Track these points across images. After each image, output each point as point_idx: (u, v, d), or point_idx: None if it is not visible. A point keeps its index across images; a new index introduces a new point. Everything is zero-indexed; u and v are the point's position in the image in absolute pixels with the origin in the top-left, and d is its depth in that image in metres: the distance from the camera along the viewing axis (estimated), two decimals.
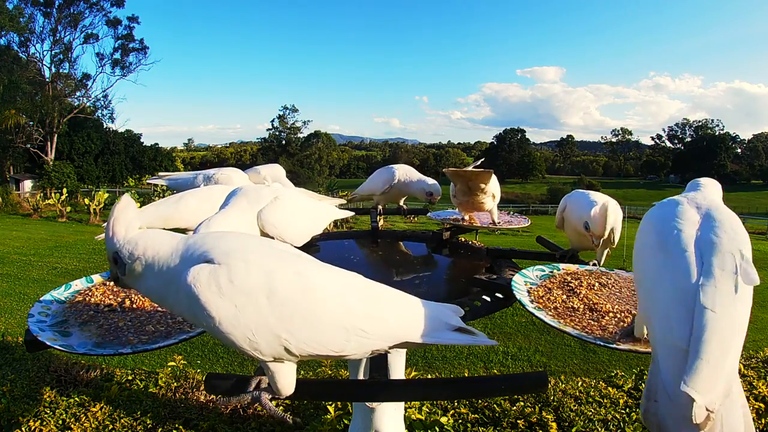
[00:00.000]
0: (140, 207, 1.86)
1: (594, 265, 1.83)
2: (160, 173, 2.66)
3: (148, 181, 2.75)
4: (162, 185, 2.69)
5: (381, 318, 0.93)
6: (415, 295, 1.04)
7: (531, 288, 1.48)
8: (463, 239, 2.52)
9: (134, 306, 1.37)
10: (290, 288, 0.86)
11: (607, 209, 1.71)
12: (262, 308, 0.84)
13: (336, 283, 0.93)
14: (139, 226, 0.99)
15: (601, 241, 1.78)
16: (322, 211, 1.85)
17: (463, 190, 2.34)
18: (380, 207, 2.81)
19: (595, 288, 1.48)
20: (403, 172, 2.69)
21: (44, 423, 2.26)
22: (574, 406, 2.35)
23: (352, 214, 2.09)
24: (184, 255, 0.92)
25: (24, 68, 28.82)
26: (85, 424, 2.26)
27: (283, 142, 57.69)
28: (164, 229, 1.41)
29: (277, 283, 0.86)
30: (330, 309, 0.88)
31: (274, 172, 2.72)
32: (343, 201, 2.22)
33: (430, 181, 2.65)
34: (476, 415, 2.33)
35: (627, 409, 2.34)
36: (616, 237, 1.88)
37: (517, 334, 5.76)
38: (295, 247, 1.51)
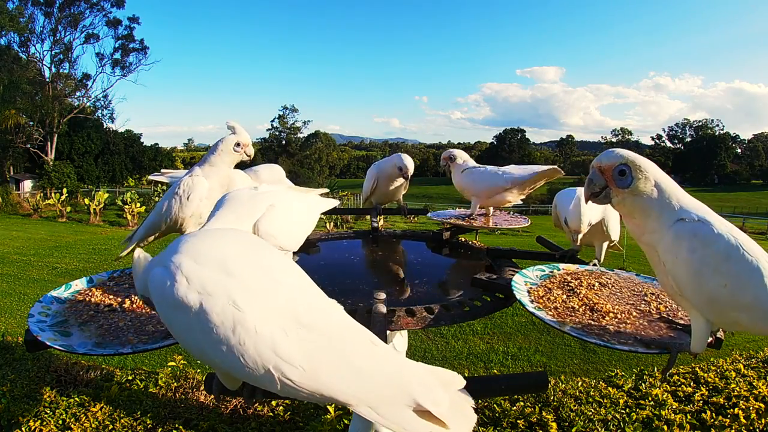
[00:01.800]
0: (143, 210, 1.85)
1: (594, 265, 1.83)
2: (162, 170, 2.63)
3: (149, 178, 2.71)
4: (163, 184, 2.66)
5: (313, 371, 0.85)
6: (414, 295, 1.00)
7: (531, 288, 1.48)
8: (463, 239, 2.52)
9: (134, 306, 1.37)
10: (220, 317, 0.84)
11: (580, 201, 1.69)
12: (193, 327, 0.85)
13: (272, 323, 0.85)
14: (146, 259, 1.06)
15: (580, 237, 1.77)
16: (312, 208, 1.83)
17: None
18: (380, 207, 2.81)
19: (595, 288, 1.48)
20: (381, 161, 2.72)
21: (44, 423, 2.26)
22: (574, 406, 2.35)
23: (338, 203, 2.05)
24: (163, 252, 0.96)
25: (24, 68, 28.81)
26: (85, 424, 2.26)
27: (283, 142, 57.50)
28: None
29: (207, 308, 0.84)
30: (253, 349, 0.84)
31: (274, 172, 2.71)
32: (327, 190, 2.20)
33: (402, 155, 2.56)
34: (476, 415, 2.32)
35: (627, 409, 2.33)
36: (611, 233, 1.85)
37: (517, 334, 5.76)
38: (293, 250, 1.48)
